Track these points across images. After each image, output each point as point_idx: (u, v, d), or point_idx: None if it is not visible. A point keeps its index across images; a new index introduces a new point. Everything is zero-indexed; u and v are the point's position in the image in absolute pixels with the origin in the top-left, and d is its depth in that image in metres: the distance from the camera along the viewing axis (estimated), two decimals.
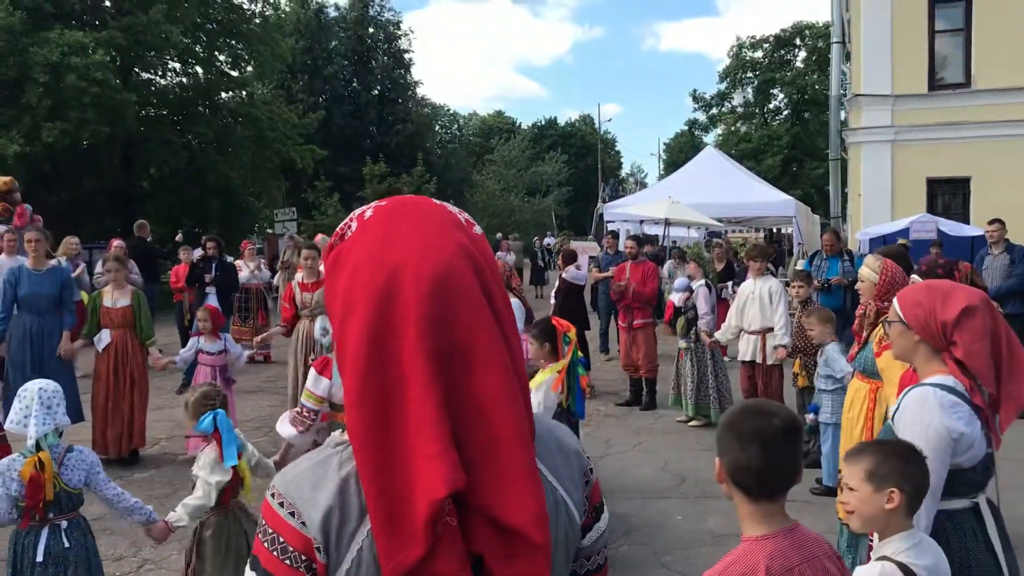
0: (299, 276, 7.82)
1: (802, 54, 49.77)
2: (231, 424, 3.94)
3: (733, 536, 5.27)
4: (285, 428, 4.38)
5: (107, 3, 23.14)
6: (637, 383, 9.90)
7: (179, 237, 18.00)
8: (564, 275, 10.90)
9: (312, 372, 4.44)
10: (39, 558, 3.45)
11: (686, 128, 59.58)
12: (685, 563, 5.30)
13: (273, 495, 1.21)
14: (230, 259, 12.51)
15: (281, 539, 1.17)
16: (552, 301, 11.11)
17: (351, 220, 1.29)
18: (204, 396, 4.04)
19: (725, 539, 5.52)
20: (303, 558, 1.16)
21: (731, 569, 2.01)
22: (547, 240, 32.15)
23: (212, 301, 10.85)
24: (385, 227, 1.24)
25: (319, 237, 12.23)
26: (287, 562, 1.16)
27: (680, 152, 56.37)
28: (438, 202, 1.32)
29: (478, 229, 1.31)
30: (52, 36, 19.15)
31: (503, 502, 1.11)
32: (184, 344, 11.92)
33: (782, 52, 49.88)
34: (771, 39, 49.67)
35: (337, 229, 1.30)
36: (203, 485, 3.81)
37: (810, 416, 6.58)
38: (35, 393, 3.58)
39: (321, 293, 7.76)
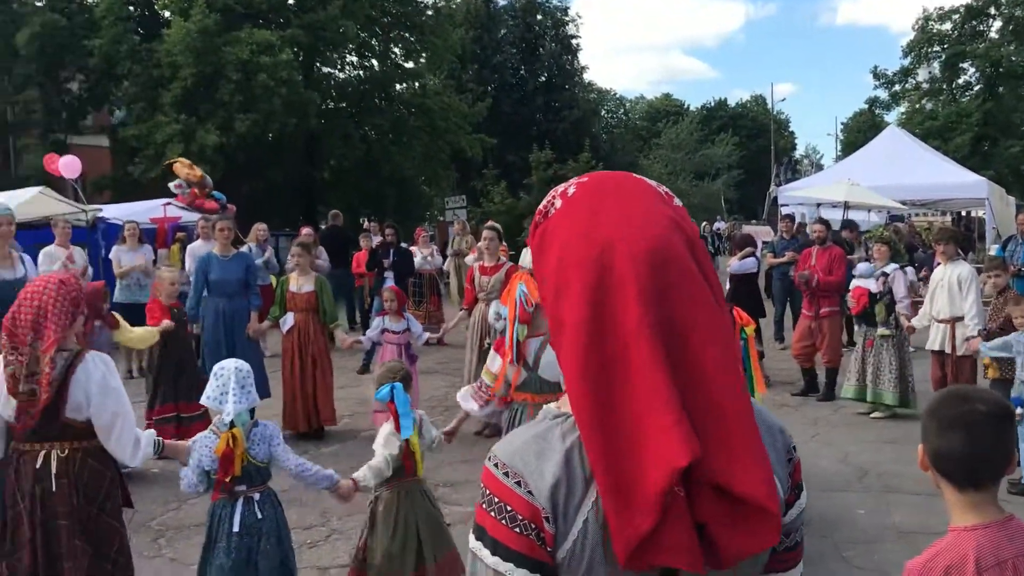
0: (476, 259, 8.00)
1: (997, 24, 46.19)
2: (407, 398, 4.02)
3: (920, 533, 5.06)
4: (467, 402, 4.51)
5: (290, 1, 24.37)
6: (809, 372, 9.55)
7: (369, 225, 18.72)
8: (728, 269, 10.63)
9: (491, 352, 4.54)
10: (235, 528, 3.63)
11: (866, 107, 56.57)
12: (867, 558, 5.08)
13: (496, 465, 1.21)
14: (405, 246, 12.99)
15: (509, 508, 1.18)
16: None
17: (554, 197, 1.30)
18: (389, 370, 4.18)
19: (912, 536, 5.26)
20: (532, 526, 1.16)
21: (937, 560, 1.91)
22: (717, 225, 31.42)
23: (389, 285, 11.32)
24: (591, 202, 1.24)
25: (490, 223, 12.45)
26: (516, 530, 1.17)
27: (859, 132, 53.63)
28: (637, 176, 1.31)
29: (678, 202, 1.30)
30: (242, 36, 20.39)
31: (732, 470, 1.10)
32: (364, 325, 12.57)
33: (974, 23, 46.48)
34: (961, 9, 46.35)
35: (539, 207, 1.31)
36: (379, 453, 3.93)
37: (1019, 411, 6.13)
38: (231, 372, 3.72)
39: (498, 277, 7.93)
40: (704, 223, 31.81)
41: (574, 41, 42.21)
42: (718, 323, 1.17)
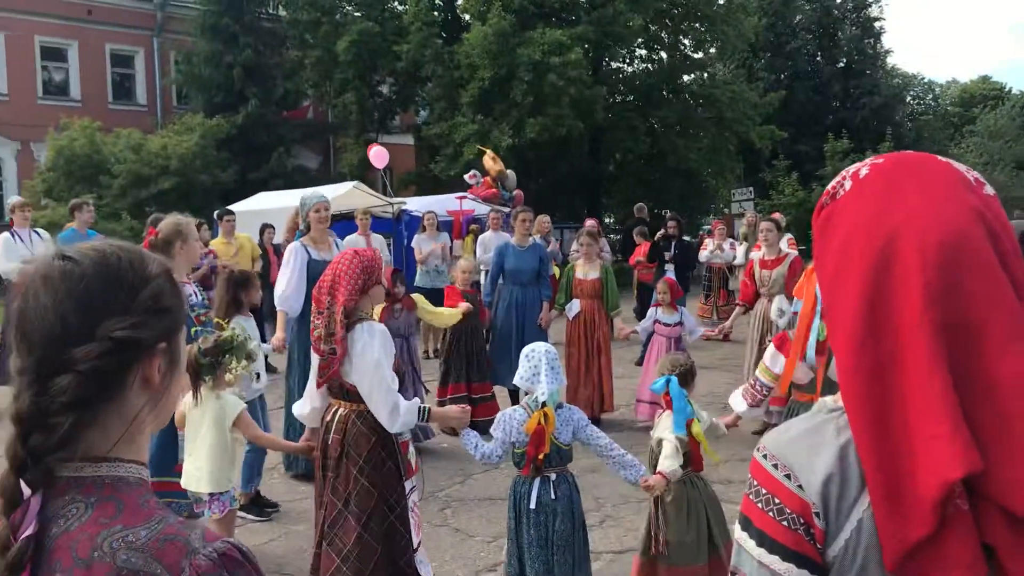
0: (758, 253, 7.77)
1: None
2: (683, 393, 3.98)
3: None
4: (736, 401, 4.40)
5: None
6: None
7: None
8: None
9: (771, 348, 4.39)
10: (532, 505, 3.79)
11: None
12: None
13: (765, 456, 1.20)
14: (688, 239, 12.92)
15: (776, 500, 1.16)
16: None
17: (844, 178, 1.23)
18: (670, 361, 4.18)
19: None
20: (801, 521, 1.13)
21: None
22: None
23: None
24: (884, 186, 1.17)
25: (777, 215, 12.04)
26: (784, 523, 1.14)
27: None
28: (943, 159, 1.20)
29: (989, 189, 1.17)
30: (535, 36, 21.14)
31: (1016, 491, 1.00)
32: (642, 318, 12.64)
33: None
34: None
35: (828, 188, 1.25)
36: (668, 444, 3.89)
37: None
38: (542, 354, 3.89)
39: (779, 271, 7.64)
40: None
41: (877, 24, 39.57)
42: (1019, 328, 1.06)
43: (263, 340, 7.26)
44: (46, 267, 1.13)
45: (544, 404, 3.78)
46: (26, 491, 1.06)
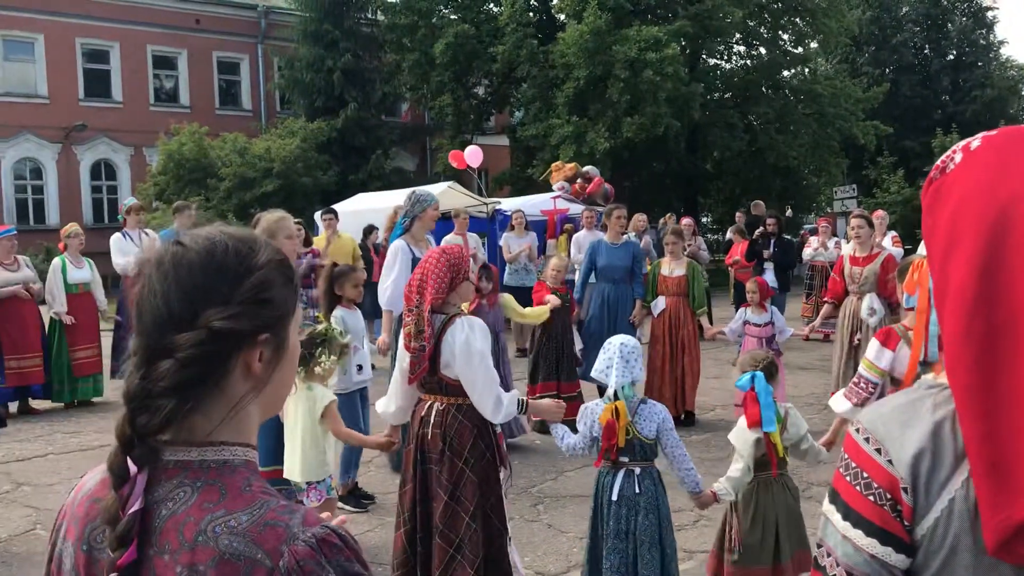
0: (849, 249, 7.56)
1: None
2: (770, 389, 3.90)
3: None
4: (839, 402, 4.26)
5: None
6: None
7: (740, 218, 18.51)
8: None
9: (874, 343, 4.25)
10: (613, 497, 3.79)
11: None
12: None
13: (858, 430, 1.19)
14: (788, 237, 12.60)
15: (864, 474, 1.15)
16: None
17: (954, 152, 1.21)
18: (752, 358, 4.09)
19: None
20: (887, 496, 1.12)
21: None
22: None
23: (769, 277, 11.07)
24: (998, 157, 1.14)
25: (880, 212, 11.65)
26: (870, 498, 1.14)
27: None
28: None
29: None
30: (631, 33, 20.98)
31: None
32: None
33: None
34: None
35: (937, 162, 1.23)
36: (737, 454, 3.85)
37: None
38: (617, 348, 3.89)
39: (871, 268, 7.38)
40: None
41: (990, 13, 37.89)
42: None
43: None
44: (162, 252, 1.17)
45: (616, 397, 3.79)
46: (133, 469, 1.10)
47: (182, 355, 1.09)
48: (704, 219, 29.84)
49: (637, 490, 3.79)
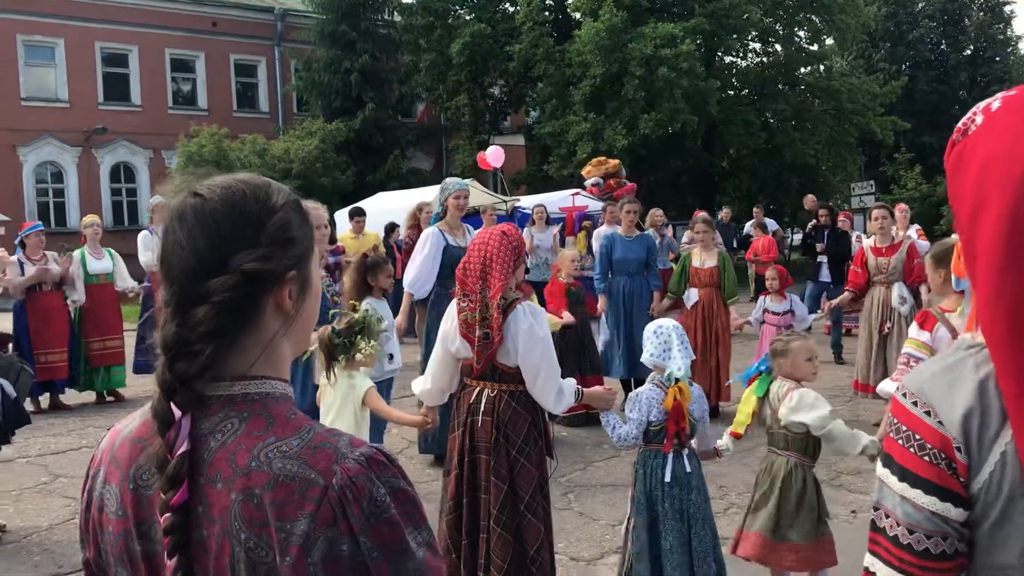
0: (870, 240, 7.58)
1: None
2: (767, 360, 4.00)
3: None
4: (889, 385, 4.29)
5: None
6: None
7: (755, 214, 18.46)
8: None
9: (914, 325, 4.29)
10: (667, 478, 3.77)
11: None
12: None
13: (904, 395, 1.21)
14: (841, 228, 12.28)
15: (917, 436, 1.17)
16: None
17: (975, 114, 1.21)
18: (772, 348, 4.12)
19: None
20: (942, 455, 1.15)
21: None
22: None
23: (823, 272, 11.20)
24: (1018, 116, 1.15)
25: (902, 205, 11.61)
26: (926, 458, 1.16)
27: None
28: None
29: None
30: (647, 31, 20.99)
31: None
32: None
33: None
34: None
35: (958, 125, 1.23)
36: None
37: None
38: (672, 329, 3.87)
39: (898, 258, 7.39)
40: None
41: (1007, 8, 37.65)
42: None
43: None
44: (180, 204, 1.22)
45: (678, 380, 3.76)
46: (177, 413, 1.14)
47: (218, 298, 1.13)
48: (719, 216, 29.74)
49: (688, 469, 3.79)
